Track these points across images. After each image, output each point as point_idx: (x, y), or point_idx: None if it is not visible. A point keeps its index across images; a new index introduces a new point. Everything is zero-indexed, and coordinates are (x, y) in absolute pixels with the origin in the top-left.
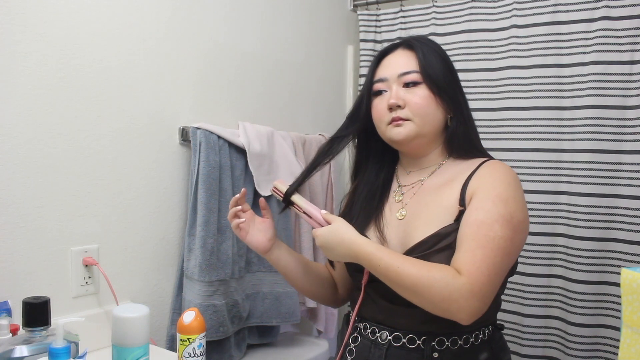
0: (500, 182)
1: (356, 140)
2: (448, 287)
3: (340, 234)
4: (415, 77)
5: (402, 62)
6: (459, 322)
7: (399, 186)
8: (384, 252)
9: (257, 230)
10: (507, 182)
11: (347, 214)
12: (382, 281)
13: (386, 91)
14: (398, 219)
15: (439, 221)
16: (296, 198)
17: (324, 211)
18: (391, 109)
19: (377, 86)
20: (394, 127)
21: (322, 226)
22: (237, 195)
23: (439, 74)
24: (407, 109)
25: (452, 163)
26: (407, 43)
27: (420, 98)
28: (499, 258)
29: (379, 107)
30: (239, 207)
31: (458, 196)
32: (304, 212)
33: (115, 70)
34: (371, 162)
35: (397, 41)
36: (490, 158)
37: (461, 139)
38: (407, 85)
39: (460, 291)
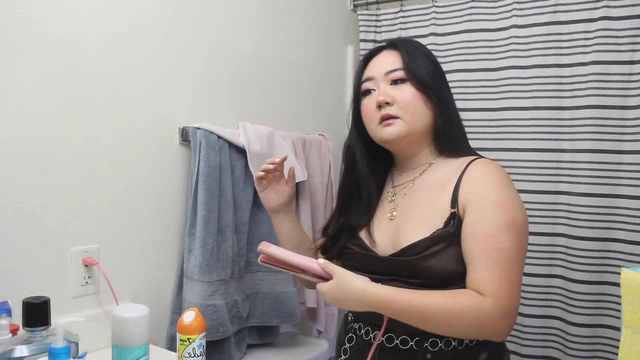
0: (493, 185)
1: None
2: (480, 314)
3: (347, 287)
4: (400, 74)
5: (387, 61)
6: (494, 340)
7: (393, 187)
8: (402, 294)
9: (274, 191)
10: (499, 183)
11: (341, 210)
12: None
13: (374, 90)
14: (389, 220)
15: (428, 223)
16: (286, 256)
17: (321, 261)
18: (380, 106)
19: (366, 85)
20: (385, 127)
21: (325, 278)
22: (279, 160)
23: (424, 71)
24: (396, 106)
25: (442, 162)
26: (392, 43)
27: (408, 95)
28: (515, 268)
29: (368, 107)
30: (272, 167)
31: (450, 198)
32: (301, 270)
33: (115, 70)
34: (366, 163)
35: (383, 44)
36: (479, 156)
37: (448, 136)
38: (394, 82)
39: (492, 315)
